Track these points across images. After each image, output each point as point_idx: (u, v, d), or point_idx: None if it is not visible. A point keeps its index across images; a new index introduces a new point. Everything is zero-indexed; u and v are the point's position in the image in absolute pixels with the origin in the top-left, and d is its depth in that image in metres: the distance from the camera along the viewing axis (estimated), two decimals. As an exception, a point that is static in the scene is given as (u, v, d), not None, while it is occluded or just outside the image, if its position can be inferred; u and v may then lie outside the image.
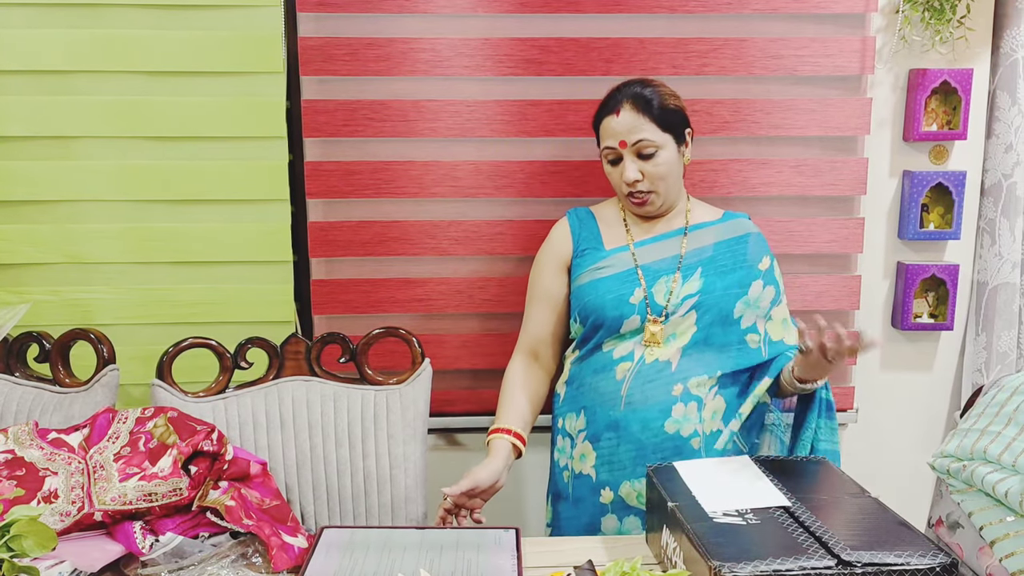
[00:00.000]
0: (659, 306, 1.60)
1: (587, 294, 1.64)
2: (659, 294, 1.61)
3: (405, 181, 1.99)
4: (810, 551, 1.11)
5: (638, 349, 1.61)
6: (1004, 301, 2.06)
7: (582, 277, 1.66)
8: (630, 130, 1.58)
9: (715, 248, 1.66)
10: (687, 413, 1.58)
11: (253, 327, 1.93)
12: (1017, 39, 1.96)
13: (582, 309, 1.65)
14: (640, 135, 1.58)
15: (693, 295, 1.61)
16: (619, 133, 1.59)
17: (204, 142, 1.93)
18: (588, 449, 1.64)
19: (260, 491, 1.45)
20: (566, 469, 1.69)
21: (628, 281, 1.62)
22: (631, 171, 1.59)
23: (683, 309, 1.60)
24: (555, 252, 1.73)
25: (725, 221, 1.71)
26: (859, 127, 2.02)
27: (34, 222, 1.94)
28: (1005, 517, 1.13)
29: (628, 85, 1.63)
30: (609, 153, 1.62)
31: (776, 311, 1.68)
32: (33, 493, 1.35)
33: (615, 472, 1.61)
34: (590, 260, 1.67)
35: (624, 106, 1.59)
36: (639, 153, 1.59)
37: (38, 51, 1.87)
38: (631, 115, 1.59)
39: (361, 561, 1.30)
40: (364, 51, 1.93)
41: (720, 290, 1.61)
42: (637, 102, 1.59)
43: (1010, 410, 1.20)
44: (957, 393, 2.18)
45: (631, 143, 1.59)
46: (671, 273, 1.62)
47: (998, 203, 2.04)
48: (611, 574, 1.12)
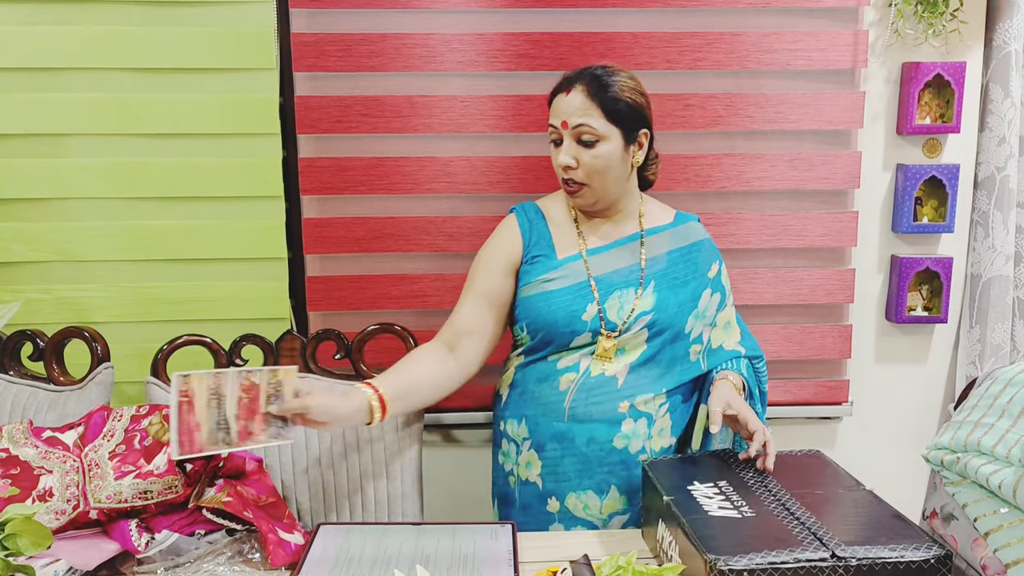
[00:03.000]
0: (613, 323, 1.52)
1: (537, 308, 1.54)
2: (612, 310, 1.52)
3: (399, 177, 1.99)
4: (805, 544, 1.11)
5: (584, 360, 1.53)
6: (998, 294, 2.06)
7: (531, 287, 1.55)
8: (575, 112, 1.47)
9: (668, 258, 1.57)
10: (636, 429, 1.53)
11: (248, 324, 1.92)
12: (1010, 32, 1.96)
13: (531, 322, 1.55)
14: (583, 119, 1.47)
15: (647, 312, 1.53)
16: (564, 113, 1.48)
17: (197, 139, 1.93)
18: (534, 457, 1.57)
19: (256, 488, 1.44)
20: (512, 474, 1.62)
21: (581, 296, 1.53)
22: (565, 155, 1.49)
23: (637, 326, 1.52)
24: (503, 251, 1.59)
25: (677, 225, 1.62)
26: (852, 121, 2.02)
27: (27, 220, 1.94)
28: (999, 509, 1.13)
29: (592, 67, 1.52)
30: (552, 132, 1.52)
31: (721, 316, 1.62)
32: (28, 492, 1.35)
33: (560, 483, 1.55)
34: (541, 269, 1.56)
35: (577, 87, 1.48)
36: (578, 138, 1.48)
37: (29, 48, 1.86)
38: (581, 97, 1.47)
39: (357, 557, 1.30)
40: (357, 47, 1.93)
41: (674, 307, 1.54)
42: (591, 86, 1.48)
43: (1003, 402, 1.20)
44: (951, 386, 2.19)
45: (572, 126, 1.47)
46: (624, 287, 1.54)
47: (991, 196, 2.04)
48: (607, 568, 1.13)
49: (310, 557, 1.31)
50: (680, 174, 2.02)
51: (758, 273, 2.07)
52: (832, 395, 2.14)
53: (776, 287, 2.07)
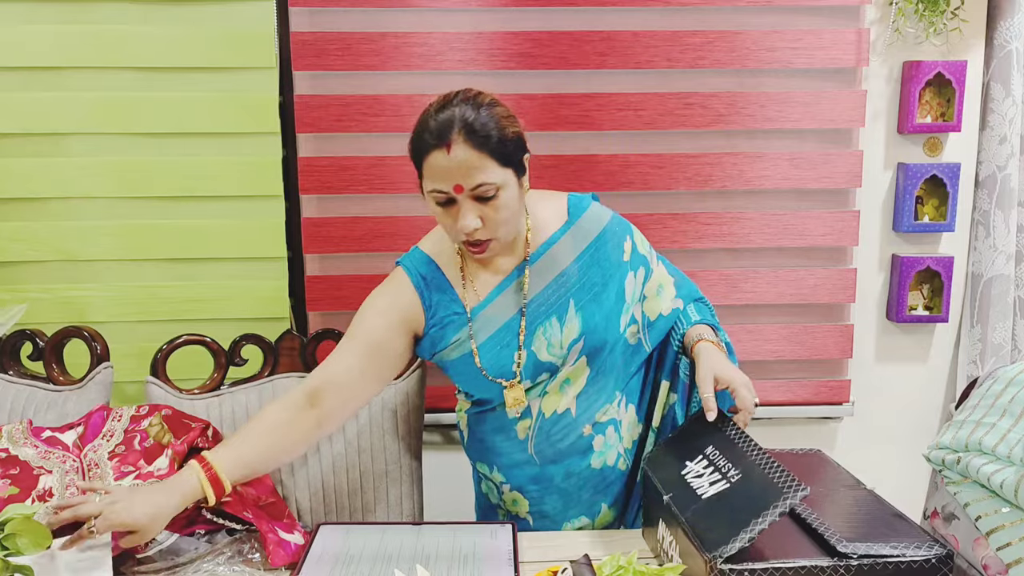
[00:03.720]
0: (550, 363, 1.38)
1: (465, 372, 1.40)
2: (541, 350, 1.37)
3: (399, 176, 1.98)
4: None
5: (534, 404, 1.41)
6: (999, 293, 2.06)
7: (450, 351, 1.39)
8: (467, 172, 1.25)
9: (578, 267, 1.39)
10: (607, 440, 1.45)
11: (247, 324, 1.92)
12: (1011, 30, 1.96)
13: (465, 386, 1.45)
14: (480, 178, 1.25)
15: (577, 339, 1.38)
16: (453, 176, 1.25)
17: (197, 138, 1.93)
18: (519, 497, 1.49)
19: (255, 488, 1.44)
20: (500, 507, 1.54)
21: (503, 345, 1.37)
22: (470, 219, 1.27)
23: (572, 356, 1.39)
24: (399, 310, 1.40)
25: (574, 221, 1.41)
26: (854, 119, 2.02)
27: (26, 220, 1.93)
28: (1000, 508, 1.13)
29: (453, 106, 1.28)
30: (439, 196, 1.28)
31: (649, 285, 1.46)
32: (27, 492, 1.35)
33: (551, 518, 1.49)
34: (454, 330, 1.38)
35: (456, 140, 1.24)
36: (477, 197, 1.27)
37: (29, 47, 1.86)
38: (466, 151, 1.24)
39: (357, 558, 1.30)
40: (357, 46, 1.92)
41: (602, 321, 1.39)
42: (472, 136, 1.25)
43: (1005, 401, 1.20)
44: (952, 385, 2.19)
45: (469, 188, 1.25)
46: (544, 320, 1.37)
47: (992, 195, 2.04)
48: (607, 568, 1.12)
49: (310, 557, 1.30)
50: (681, 173, 2.01)
51: (759, 272, 2.07)
52: (833, 395, 2.14)
53: (777, 286, 2.07)
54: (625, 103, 1.97)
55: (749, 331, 2.09)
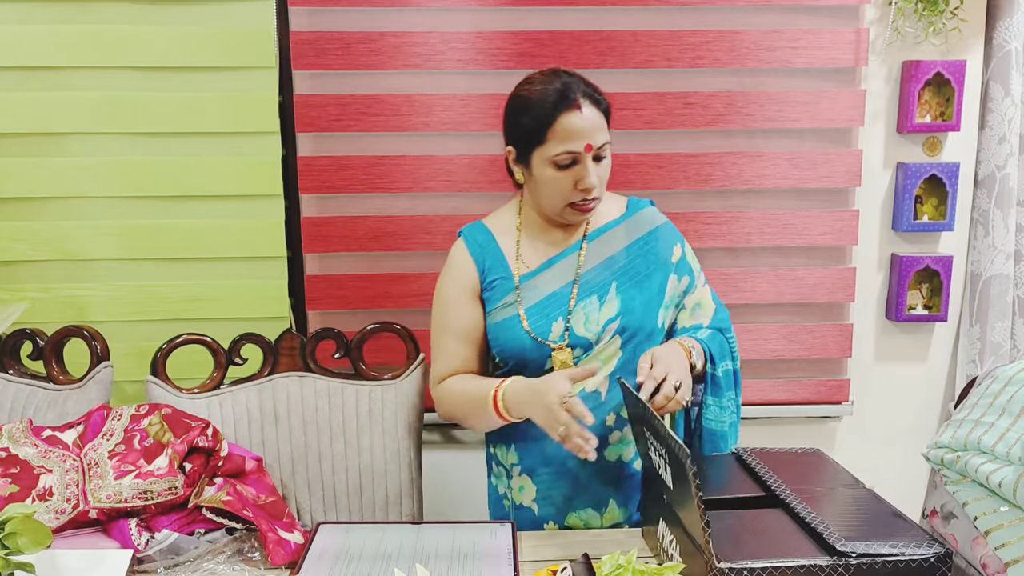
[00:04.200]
0: (583, 338, 1.44)
1: (504, 335, 1.46)
2: (579, 324, 1.43)
3: (399, 176, 1.98)
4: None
5: None
6: (998, 292, 2.06)
7: (495, 314, 1.47)
8: (594, 131, 1.35)
9: (627, 253, 1.48)
10: (624, 437, 1.47)
11: (247, 323, 1.92)
12: (1010, 30, 1.96)
13: (501, 351, 1.48)
14: (603, 138, 1.36)
15: (614, 319, 1.44)
16: (587, 134, 1.34)
17: (197, 138, 1.93)
18: (527, 482, 1.50)
19: (255, 487, 1.44)
20: (505, 498, 1.56)
21: (544, 316, 1.44)
22: (592, 178, 1.37)
23: (607, 335, 1.44)
24: (461, 282, 1.49)
25: (631, 215, 1.51)
26: (853, 119, 2.02)
27: (26, 219, 1.93)
28: (999, 507, 1.13)
29: (560, 75, 1.39)
30: (566, 158, 1.36)
31: (690, 298, 1.53)
32: (28, 491, 1.35)
33: (558, 506, 1.49)
34: (500, 293, 1.47)
35: (584, 101, 1.35)
36: (596, 157, 1.37)
37: (29, 47, 1.86)
38: (592, 111, 1.36)
39: (357, 557, 1.30)
40: (356, 45, 1.93)
41: (641, 306, 1.45)
42: (590, 99, 1.36)
43: (1004, 401, 1.20)
44: (951, 384, 2.19)
45: (596, 145, 1.36)
46: (587, 296, 1.44)
47: (991, 194, 2.04)
48: (607, 567, 1.12)
49: (310, 556, 1.31)
50: (680, 172, 2.02)
51: (759, 272, 2.07)
52: (832, 394, 2.14)
53: (776, 286, 2.07)
54: (625, 103, 1.97)
55: (749, 331, 2.09)
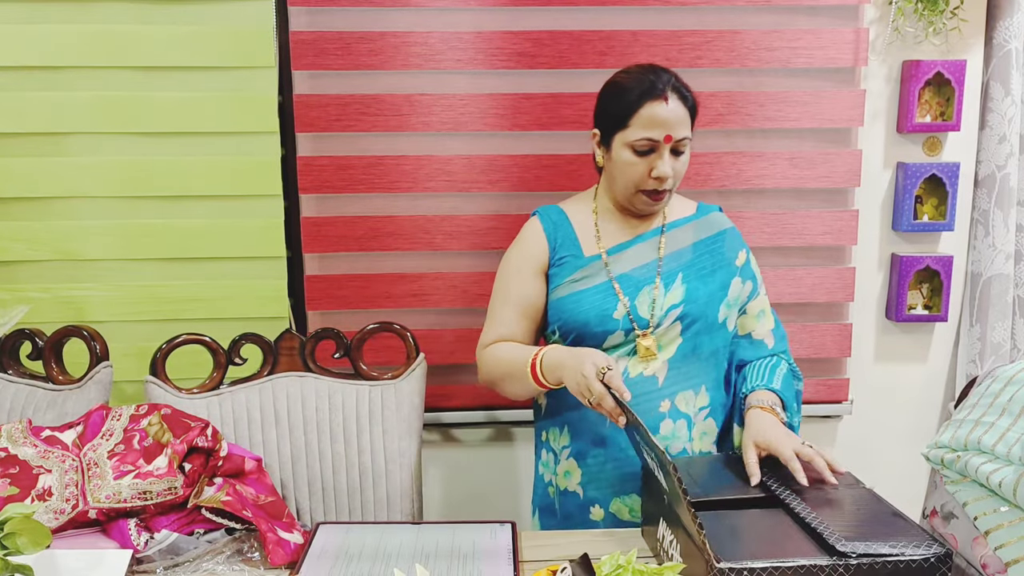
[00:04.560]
0: (643, 319, 1.50)
1: (568, 309, 1.52)
2: (642, 306, 1.50)
3: (398, 176, 1.98)
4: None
5: (621, 362, 1.50)
6: (998, 292, 2.06)
7: (561, 289, 1.54)
8: (677, 123, 1.44)
9: (694, 249, 1.56)
10: (676, 430, 1.50)
11: (247, 323, 1.92)
12: (1010, 30, 1.96)
13: (563, 324, 1.53)
14: (685, 132, 1.46)
15: (677, 305, 1.50)
16: (668, 125, 1.43)
17: (196, 138, 1.93)
18: (573, 466, 1.54)
19: (255, 487, 1.44)
20: (550, 485, 1.60)
21: (611, 294, 1.51)
22: (667, 167, 1.45)
23: (668, 320, 1.50)
24: (531, 255, 1.57)
25: (700, 216, 1.60)
26: (853, 119, 2.02)
27: (26, 219, 1.93)
28: (999, 507, 1.13)
29: (655, 70, 1.48)
30: (644, 144, 1.44)
31: (752, 305, 1.60)
32: (27, 491, 1.35)
33: (603, 490, 1.52)
34: (569, 269, 1.54)
35: (671, 95, 1.44)
36: (674, 149, 1.46)
37: (28, 47, 1.86)
38: (678, 105, 1.44)
39: (356, 557, 1.30)
40: (356, 45, 1.92)
41: (704, 297, 1.52)
42: (678, 93, 1.45)
43: (1004, 401, 1.20)
44: (951, 384, 2.19)
45: (676, 139, 1.44)
46: (651, 282, 1.51)
47: (992, 194, 2.04)
48: (606, 567, 1.12)
49: (309, 556, 1.31)
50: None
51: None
52: (832, 394, 2.14)
53: (776, 285, 2.07)
54: (624, 102, 1.97)
55: (748, 330, 2.09)
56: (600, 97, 1.54)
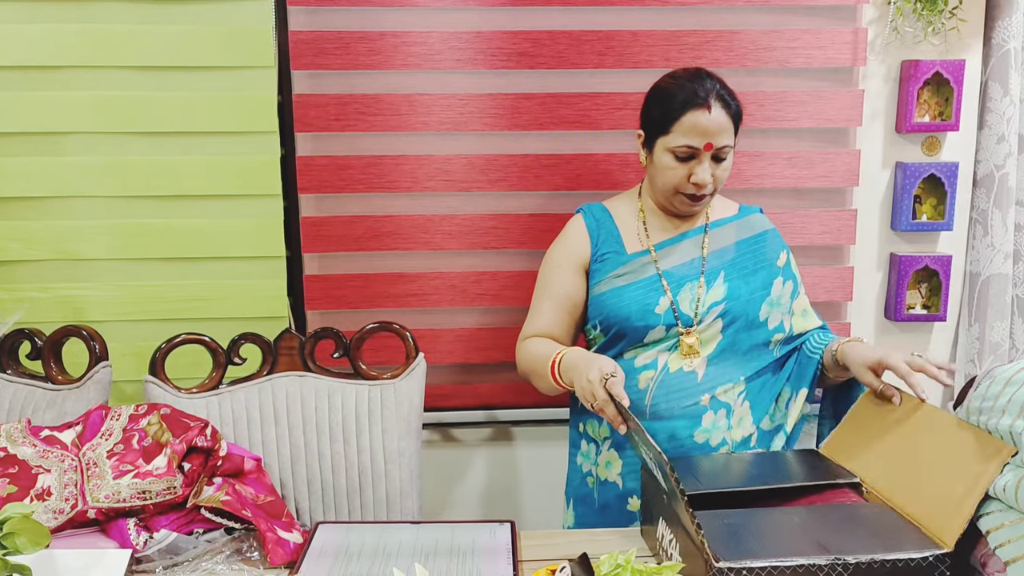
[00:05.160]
0: (686, 316, 1.53)
1: (610, 303, 1.55)
2: (685, 303, 1.53)
3: (398, 175, 1.98)
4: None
5: (661, 357, 1.53)
6: (997, 292, 2.06)
7: (602, 284, 1.57)
8: (719, 132, 1.47)
9: (736, 248, 1.59)
10: (716, 421, 1.53)
11: (246, 323, 1.92)
12: (1009, 30, 1.96)
13: (604, 319, 1.56)
14: (727, 140, 1.48)
15: (719, 302, 1.54)
16: (710, 133, 1.46)
17: (195, 137, 1.92)
18: (614, 457, 1.58)
19: (254, 487, 1.44)
20: (589, 475, 1.63)
21: (653, 289, 1.54)
22: (706, 174, 1.48)
23: (710, 317, 1.54)
24: (573, 252, 1.61)
25: (742, 217, 1.64)
26: (851, 119, 2.02)
27: (24, 219, 1.93)
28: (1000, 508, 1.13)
29: (703, 76, 1.51)
30: (685, 151, 1.48)
31: (797, 303, 1.64)
32: (26, 491, 1.35)
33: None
34: (611, 265, 1.58)
35: (714, 103, 1.46)
36: (715, 156, 1.49)
37: (27, 46, 1.86)
38: (721, 114, 1.47)
39: (356, 557, 1.30)
40: (356, 45, 1.92)
41: (746, 295, 1.55)
42: (721, 102, 1.48)
43: (1003, 402, 1.20)
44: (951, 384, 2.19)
45: (717, 147, 1.47)
46: (695, 279, 1.55)
47: (990, 194, 2.04)
48: (605, 567, 1.12)
49: (309, 556, 1.31)
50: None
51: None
52: (831, 393, 2.14)
53: (775, 285, 2.07)
54: (623, 102, 1.97)
55: (747, 330, 2.09)
56: (646, 100, 1.57)
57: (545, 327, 1.61)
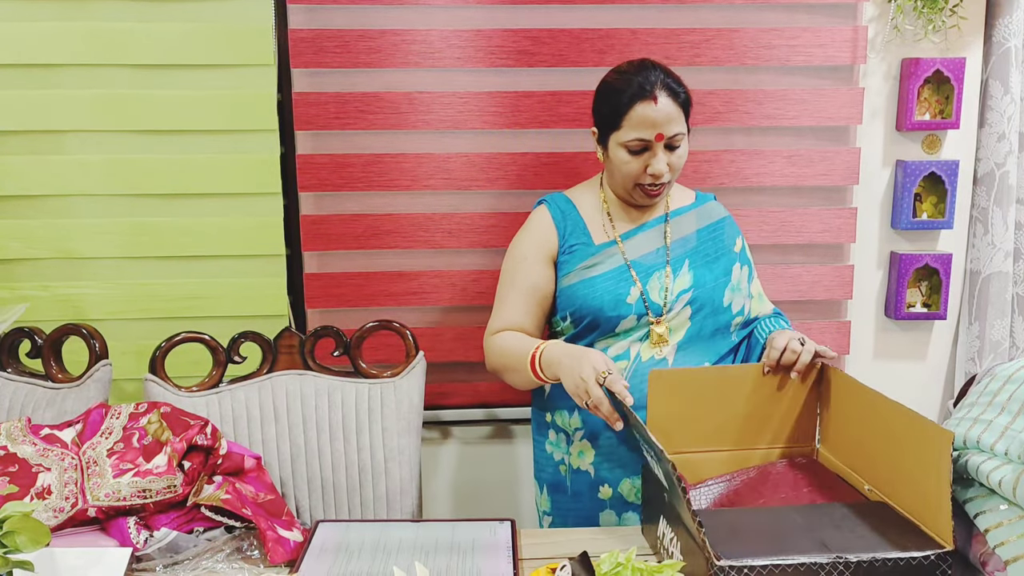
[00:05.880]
0: (656, 305, 1.55)
1: (580, 295, 1.55)
2: (654, 291, 1.55)
3: (397, 174, 1.98)
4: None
5: (633, 347, 1.54)
6: (997, 290, 2.06)
7: (571, 276, 1.57)
8: (668, 121, 1.47)
9: (698, 237, 1.61)
10: None
11: (246, 321, 1.92)
12: (1010, 28, 1.96)
13: (576, 310, 1.56)
14: (677, 128, 1.48)
15: (687, 290, 1.56)
16: (658, 124, 1.46)
17: (195, 136, 1.92)
18: (587, 447, 1.59)
19: (254, 485, 1.44)
20: (561, 463, 1.64)
21: (623, 280, 1.55)
22: (661, 164, 1.48)
23: (679, 305, 1.56)
24: (540, 243, 1.60)
25: (700, 205, 1.66)
26: (852, 117, 2.02)
27: (24, 217, 1.93)
28: (998, 506, 1.13)
29: (647, 68, 1.50)
30: (637, 144, 1.48)
31: (752, 287, 1.67)
32: (26, 489, 1.34)
33: (615, 470, 1.57)
34: (579, 257, 1.58)
35: (660, 94, 1.46)
36: (668, 146, 1.49)
37: (27, 45, 1.86)
38: (669, 104, 1.47)
39: (356, 555, 1.30)
40: (355, 43, 1.92)
41: (711, 283, 1.58)
42: (668, 91, 1.47)
43: (1003, 399, 1.20)
44: (950, 382, 2.19)
45: (668, 136, 1.48)
46: (661, 268, 1.56)
47: (991, 192, 2.04)
48: (606, 565, 1.12)
49: (309, 554, 1.31)
50: (679, 170, 2.01)
51: (757, 269, 2.07)
52: (831, 391, 2.14)
53: (775, 283, 2.07)
54: (623, 100, 1.97)
55: (747, 328, 2.09)
56: (595, 98, 1.57)
57: (515, 320, 1.59)
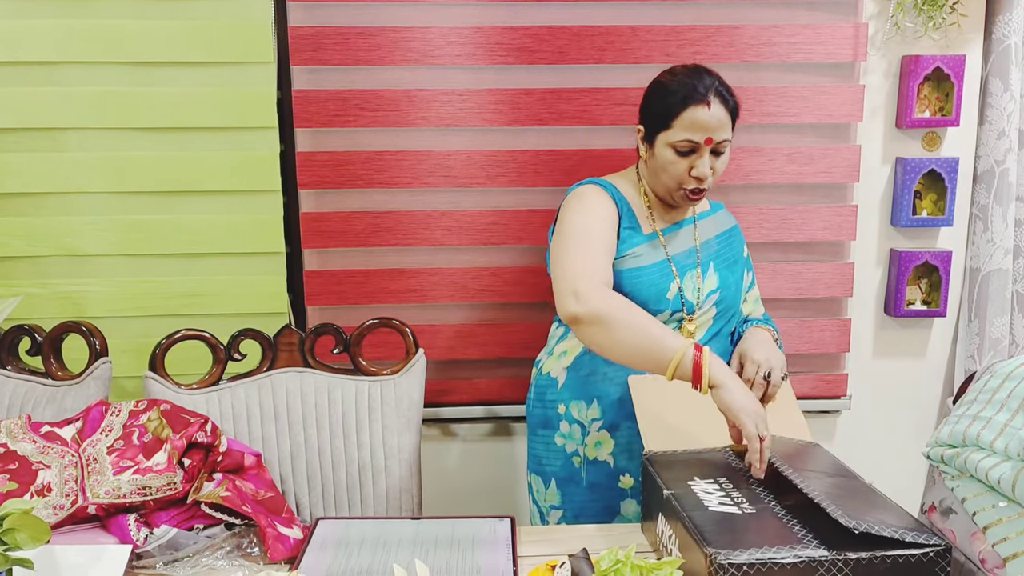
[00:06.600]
0: (690, 303, 1.58)
1: (628, 283, 1.55)
2: (688, 290, 1.58)
3: (397, 171, 1.98)
4: (805, 540, 1.11)
5: None
6: (997, 287, 2.06)
7: (624, 260, 1.56)
8: (719, 127, 1.49)
9: (718, 242, 1.66)
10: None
11: (246, 319, 1.92)
12: (1010, 25, 1.96)
13: (633, 288, 1.56)
14: (725, 135, 1.50)
15: (715, 291, 1.60)
16: (710, 128, 1.48)
17: (195, 133, 1.92)
18: (605, 437, 1.61)
19: (254, 483, 1.44)
20: (575, 455, 1.65)
21: (665, 274, 1.57)
22: (706, 167, 1.50)
23: (707, 305, 1.60)
24: (609, 213, 1.57)
25: (714, 212, 1.71)
26: (852, 114, 2.02)
27: (24, 215, 1.93)
28: (998, 503, 1.13)
29: (702, 73, 1.52)
30: (686, 145, 1.50)
31: (751, 292, 1.74)
32: (26, 487, 1.35)
33: (635, 459, 1.60)
34: (631, 243, 1.57)
35: (713, 99, 1.49)
36: (714, 150, 1.51)
37: (26, 42, 1.86)
38: (720, 109, 1.49)
39: (356, 552, 1.30)
40: (355, 40, 1.92)
41: (733, 285, 1.63)
42: (720, 97, 1.50)
43: (1003, 396, 1.20)
44: (950, 380, 2.19)
45: (717, 141, 1.50)
46: (693, 268, 1.60)
47: (991, 189, 2.04)
48: (605, 562, 1.13)
49: (309, 551, 1.31)
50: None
51: (757, 267, 2.07)
52: (831, 389, 2.14)
53: (775, 281, 2.07)
54: (623, 98, 1.97)
55: (747, 326, 2.09)
56: (645, 96, 1.58)
57: (608, 277, 1.51)
